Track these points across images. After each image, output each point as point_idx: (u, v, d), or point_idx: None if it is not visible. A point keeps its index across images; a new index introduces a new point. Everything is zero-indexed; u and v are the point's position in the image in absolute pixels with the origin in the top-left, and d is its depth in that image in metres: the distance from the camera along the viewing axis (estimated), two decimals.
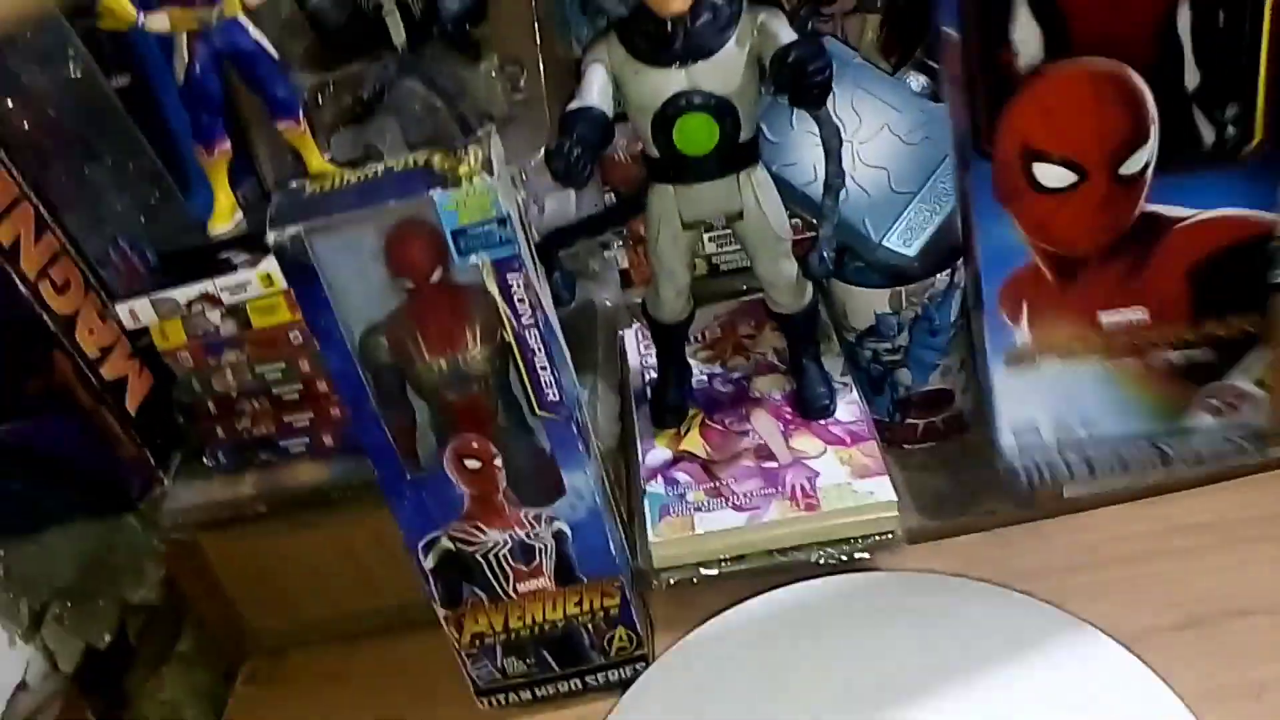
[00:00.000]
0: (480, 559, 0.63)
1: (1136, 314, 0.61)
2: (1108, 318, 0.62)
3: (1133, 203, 0.51)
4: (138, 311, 0.66)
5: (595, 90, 0.61)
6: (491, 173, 0.54)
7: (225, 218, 0.69)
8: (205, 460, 0.71)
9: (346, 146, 0.71)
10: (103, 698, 0.77)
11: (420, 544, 0.62)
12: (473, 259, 0.55)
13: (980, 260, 0.58)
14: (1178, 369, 0.63)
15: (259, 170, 0.79)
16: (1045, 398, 0.65)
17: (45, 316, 0.66)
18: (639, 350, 0.81)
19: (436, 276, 0.56)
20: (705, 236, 0.83)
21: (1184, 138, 0.51)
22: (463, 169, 0.54)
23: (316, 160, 0.71)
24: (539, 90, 0.83)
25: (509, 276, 0.55)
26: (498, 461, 0.60)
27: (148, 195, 0.75)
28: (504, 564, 0.63)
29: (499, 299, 0.56)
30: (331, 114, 0.82)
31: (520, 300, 0.56)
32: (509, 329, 0.57)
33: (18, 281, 0.64)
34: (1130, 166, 0.51)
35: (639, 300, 0.75)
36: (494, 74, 0.85)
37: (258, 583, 0.76)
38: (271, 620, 0.78)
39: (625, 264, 0.87)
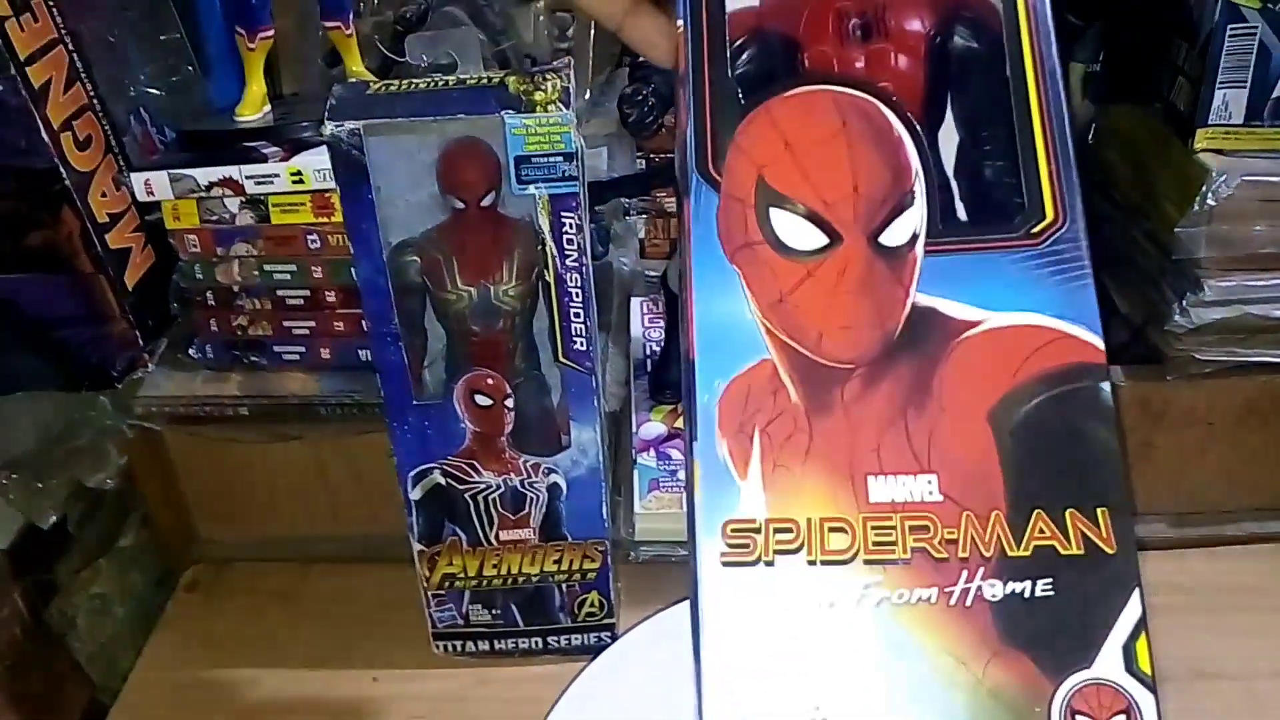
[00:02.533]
0: (468, 499, 0.61)
1: (923, 485, 0.38)
2: (879, 488, 0.38)
3: (901, 287, 0.35)
4: (154, 184, 0.63)
5: None
6: (568, 105, 0.52)
7: (255, 107, 0.67)
8: (192, 352, 0.68)
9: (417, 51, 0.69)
10: (32, 582, 0.73)
11: (411, 473, 0.60)
12: (530, 190, 0.53)
13: (696, 340, 0.37)
14: (1003, 625, 0.37)
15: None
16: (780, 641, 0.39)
17: (62, 169, 0.62)
18: (643, 322, 0.80)
19: (487, 201, 0.54)
20: None
21: (949, 206, 0.37)
22: (539, 95, 0.52)
23: (357, 65, 0.70)
24: (585, 43, 0.82)
25: (564, 215, 0.54)
26: (509, 402, 0.58)
27: (170, 71, 0.72)
28: (492, 508, 0.61)
29: (549, 236, 0.54)
30: (370, 25, 0.80)
31: (569, 241, 0.54)
32: (551, 269, 0.55)
33: (41, 127, 0.61)
34: (894, 235, 0.36)
35: (651, 272, 0.74)
36: (542, 18, 0.83)
37: (217, 489, 0.73)
38: (222, 530, 0.75)
39: (642, 234, 0.85)
